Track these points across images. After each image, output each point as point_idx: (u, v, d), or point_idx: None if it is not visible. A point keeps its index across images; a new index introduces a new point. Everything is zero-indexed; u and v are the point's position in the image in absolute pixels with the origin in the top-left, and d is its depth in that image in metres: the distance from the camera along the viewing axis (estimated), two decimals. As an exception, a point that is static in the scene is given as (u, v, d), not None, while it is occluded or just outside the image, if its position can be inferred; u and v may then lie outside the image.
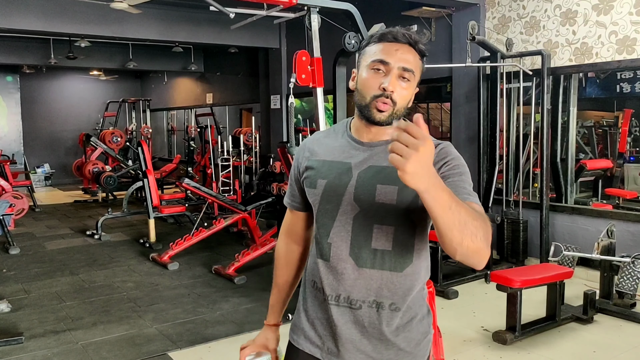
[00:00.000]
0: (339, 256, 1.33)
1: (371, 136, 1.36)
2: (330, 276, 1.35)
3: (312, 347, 1.41)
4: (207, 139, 9.64)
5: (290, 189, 1.52)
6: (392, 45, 1.31)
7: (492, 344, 3.64)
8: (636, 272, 4.00)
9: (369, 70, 1.32)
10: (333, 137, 1.43)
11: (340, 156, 1.37)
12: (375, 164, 1.33)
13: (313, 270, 1.41)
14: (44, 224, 8.22)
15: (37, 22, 6.93)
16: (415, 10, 6.09)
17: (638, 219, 4.74)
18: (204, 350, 3.64)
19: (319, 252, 1.38)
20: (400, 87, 1.30)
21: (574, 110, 5.62)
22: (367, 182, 1.31)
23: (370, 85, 1.31)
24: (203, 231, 5.96)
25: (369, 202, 1.30)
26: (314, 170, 1.40)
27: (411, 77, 1.31)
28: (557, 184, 5.56)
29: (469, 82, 5.97)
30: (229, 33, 7.97)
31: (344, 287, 1.33)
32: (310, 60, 4.13)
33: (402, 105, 1.32)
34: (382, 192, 1.29)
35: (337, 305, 1.34)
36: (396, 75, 1.29)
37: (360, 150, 1.36)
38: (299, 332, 1.46)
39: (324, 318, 1.38)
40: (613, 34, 4.85)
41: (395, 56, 1.30)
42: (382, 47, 1.31)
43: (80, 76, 14.15)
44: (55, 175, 13.57)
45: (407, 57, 1.31)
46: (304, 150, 1.46)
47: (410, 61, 1.31)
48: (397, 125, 1.00)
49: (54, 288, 5.04)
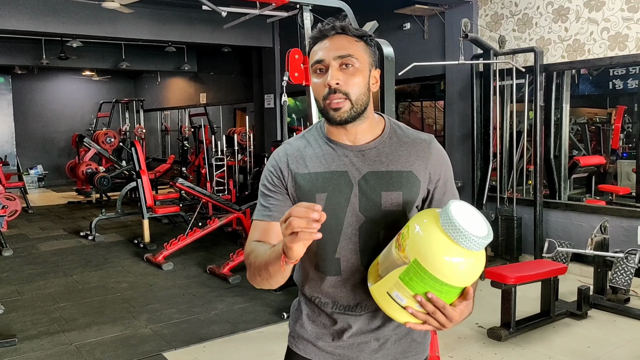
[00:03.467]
0: (351, 269, 1.30)
1: (352, 137, 1.32)
2: (344, 289, 1.32)
3: (322, 355, 1.39)
4: (201, 138, 9.62)
5: (267, 199, 1.34)
6: (322, 43, 1.27)
7: (487, 340, 3.65)
8: (629, 268, 4.02)
9: (314, 75, 1.29)
10: (314, 145, 1.34)
11: (331, 165, 1.30)
12: (374, 170, 1.29)
13: (315, 286, 1.36)
14: (37, 226, 8.18)
15: (28, 22, 6.89)
16: (408, 8, 6.09)
17: (631, 215, 4.76)
18: (199, 350, 3.63)
19: (324, 269, 1.32)
20: (344, 76, 1.25)
21: (566, 107, 5.64)
22: (370, 190, 1.28)
23: (317, 89, 1.28)
24: (197, 231, 5.94)
25: (374, 211, 1.28)
26: (307, 184, 1.30)
27: (353, 62, 1.25)
28: (550, 180, 5.58)
29: (462, 80, 5.98)
30: (222, 32, 7.95)
31: (361, 296, 1.31)
32: (302, 59, 4.12)
33: (357, 94, 1.26)
34: (388, 199, 1.28)
35: (354, 315, 1.34)
36: (336, 68, 1.25)
37: (350, 156, 1.30)
38: (304, 342, 1.41)
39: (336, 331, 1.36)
40: (605, 30, 4.87)
41: (326, 49, 1.26)
42: (316, 48, 1.28)
43: (72, 77, 14.08)
44: (48, 176, 13.50)
45: (340, 43, 1.26)
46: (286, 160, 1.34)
47: (344, 46, 1.25)
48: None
49: (48, 289, 5.01)
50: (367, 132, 1.32)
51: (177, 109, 13.41)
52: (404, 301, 1.12)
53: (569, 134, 5.80)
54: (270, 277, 1.21)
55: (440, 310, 1.10)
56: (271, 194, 1.34)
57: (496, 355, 3.45)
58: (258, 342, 3.75)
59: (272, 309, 4.30)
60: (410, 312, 1.13)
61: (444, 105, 6.43)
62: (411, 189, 1.30)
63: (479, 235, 1.04)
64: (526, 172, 5.81)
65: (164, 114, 14.36)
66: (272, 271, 1.19)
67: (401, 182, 1.29)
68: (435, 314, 1.11)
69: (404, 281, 1.10)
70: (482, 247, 1.06)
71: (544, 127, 5.35)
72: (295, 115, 9.93)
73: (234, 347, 3.70)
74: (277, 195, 1.33)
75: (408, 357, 1.39)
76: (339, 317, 1.35)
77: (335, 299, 1.34)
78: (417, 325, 1.15)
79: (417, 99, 8.68)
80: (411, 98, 8.58)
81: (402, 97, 8.11)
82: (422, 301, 1.09)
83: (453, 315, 1.12)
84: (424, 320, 1.13)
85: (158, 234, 7.04)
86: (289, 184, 1.32)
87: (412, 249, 1.08)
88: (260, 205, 1.35)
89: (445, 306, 1.10)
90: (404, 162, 1.31)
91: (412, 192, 1.30)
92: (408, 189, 1.30)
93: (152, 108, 14.28)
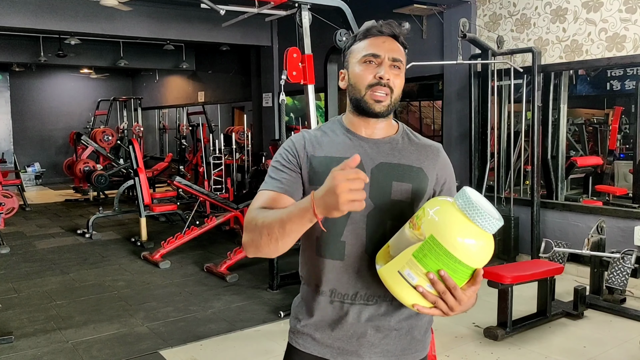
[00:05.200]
0: (355, 254, 1.32)
1: (369, 131, 1.38)
2: (345, 275, 1.33)
3: (321, 349, 1.38)
4: (199, 137, 9.61)
5: (279, 173, 1.34)
6: (379, 39, 1.35)
7: (484, 339, 3.66)
8: (626, 268, 4.03)
9: (361, 64, 1.34)
10: (331, 135, 1.40)
11: (346, 152, 1.33)
12: (386, 161, 1.35)
13: (316, 274, 1.37)
14: (35, 223, 8.17)
15: (26, 20, 6.88)
16: (407, 7, 6.10)
17: (627, 216, 4.77)
18: (196, 348, 3.63)
19: (327, 252, 1.34)
20: (394, 76, 1.34)
21: (564, 108, 5.65)
22: (381, 179, 1.33)
23: (364, 77, 1.33)
24: (195, 229, 5.94)
25: (384, 199, 1.32)
26: (320, 166, 1.33)
27: (401, 66, 1.35)
28: (547, 181, 5.59)
29: (460, 80, 5.99)
30: (220, 31, 7.94)
31: (362, 284, 1.33)
32: (301, 58, 4.12)
33: (397, 94, 1.36)
34: (398, 189, 1.33)
35: (352, 304, 1.34)
36: (388, 65, 1.33)
37: (366, 147, 1.36)
38: (303, 336, 1.41)
39: (333, 320, 1.36)
40: (603, 31, 4.88)
41: (384, 47, 1.34)
42: (370, 42, 1.35)
43: (70, 74, 14.06)
44: (45, 174, 13.48)
45: (395, 46, 1.36)
46: (303, 143, 1.37)
47: (398, 51, 1.35)
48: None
49: (44, 287, 5.00)
50: (384, 130, 1.40)
51: (175, 107, 13.40)
52: (415, 279, 1.14)
53: (566, 135, 5.81)
54: (283, 236, 1.16)
55: (450, 290, 1.12)
56: (284, 170, 1.35)
57: (492, 355, 3.45)
58: (255, 341, 3.75)
59: (269, 307, 4.29)
60: (421, 291, 1.14)
61: (442, 105, 6.44)
62: (420, 183, 1.35)
63: (494, 217, 1.10)
64: (523, 172, 5.82)
65: (162, 112, 14.35)
66: (288, 229, 1.15)
67: (412, 176, 1.35)
68: (445, 294, 1.13)
69: (417, 258, 1.12)
70: (494, 229, 1.10)
71: (541, 128, 5.36)
72: (293, 114, 9.93)
73: (230, 345, 3.70)
74: (291, 172, 1.35)
75: (407, 355, 1.39)
76: (337, 306, 1.35)
77: (335, 286, 1.35)
78: (425, 308, 1.16)
79: (416, 98, 8.69)
80: (409, 98, 8.59)
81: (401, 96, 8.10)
82: (434, 279, 1.11)
83: (462, 297, 1.13)
84: (433, 301, 1.14)
85: (155, 232, 7.04)
86: (304, 164, 1.35)
87: (429, 226, 1.12)
88: (269, 178, 1.35)
89: (455, 287, 1.12)
90: (414, 159, 1.37)
91: (421, 186, 1.35)
92: (418, 183, 1.35)
93: (150, 106, 14.26)
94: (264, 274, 5.04)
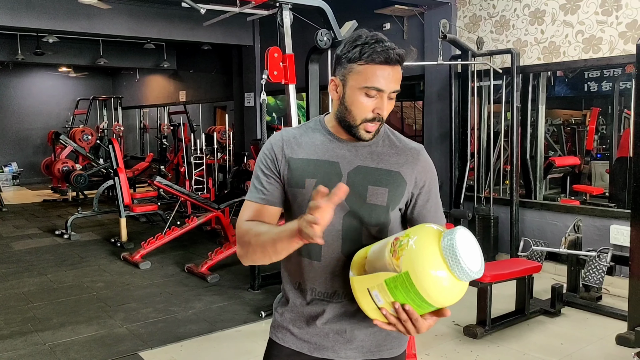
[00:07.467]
0: (331, 255, 1.35)
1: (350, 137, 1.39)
2: (323, 275, 1.36)
3: (299, 343, 1.42)
4: (180, 137, 9.54)
5: (261, 182, 1.39)
6: (384, 69, 1.29)
7: (463, 338, 3.69)
8: (602, 266, 4.10)
9: (362, 94, 1.31)
10: (310, 135, 1.41)
11: (325, 155, 1.37)
12: (364, 165, 1.36)
13: (296, 272, 1.41)
14: (11, 224, 8.02)
15: (3, 17, 6.75)
16: (388, 8, 6.13)
17: (604, 215, 4.86)
18: (176, 349, 3.60)
19: (306, 253, 1.36)
20: (389, 105, 1.34)
21: (542, 109, 5.73)
22: (358, 182, 1.34)
23: (363, 110, 1.32)
24: (175, 230, 5.90)
25: (359, 202, 1.34)
26: (298, 169, 1.36)
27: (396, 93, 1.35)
28: (526, 180, 5.66)
29: (440, 81, 6.03)
30: (201, 30, 7.89)
31: (339, 283, 1.35)
32: (282, 57, 4.11)
33: (386, 117, 1.36)
34: (374, 193, 1.34)
35: (330, 302, 1.37)
36: (387, 97, 1.32)
37: (345, 149, 1.37)
38: (283, 330, 1.45)
39: (311, 316, 1.39)
40: (580, 33, 4.96)
41: (388, 80, 1.30)
42: (375, 71, 1.29)
43: (49, 73, 13.83)
44: (23, 174, 13.25)
45: (397, 75, 1.32)
46: (281, 145, 1.39)
47: (398, 80, 1.33)
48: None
49: (21, 289, 4.92)
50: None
51: (156, 106, 13.27)
52: (381, 302, 1.16)
53: (545, 135, 5.90)
54: (276, 253, 1.27)
55: (412, 321, 1.15)
56: (266, 178, 1.40)
57: (472, 353, 3.49)
58: (236, 341, 3.74)
59: (250, 307, 4.28)
60: (384, 313, 1.17)
61: (423, 106, 6.48)
62: (397, 188, 1.36)
63: (473, 270, 1.10)
64: (503, 172, 5.89)
65: (142, 111, 14.19)
66: (279, 248, 1.25)
67: (388, 180, 1.36)
68: (407, 322, 1.16)
69: (389, 287, 1.14)
70: (470, 279, 1.11)
71: (520, 128, 5.43)
72: (275, 114, 9.91)
73: (211, 346, 3.68)
74: (271, 179, 1.39)
75: (383, 351, 1.41)
76: (315, 303, 1.39)
77: (314, 284, 1.38)
78: (384, 324, 1.20)
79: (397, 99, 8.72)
80: (391, 98, 8.61)
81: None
82: (399, 309, 1.14)
83: (422, 327, 1.17)
84: (394, 323, 1.17)
85: (135, 232, 6.97)
86: (282, 167, 1.38)
87: (407, 262, 1.11)
88: (253, 187, 1.42)
89: (418, 319, 1.15)
90: (393, 163, 1.38)
91: (397, 191, 1.36)
92: (394, 188, 1.36)
93: (131, 105, 14.10)
94: (245, 274, 5.02)
